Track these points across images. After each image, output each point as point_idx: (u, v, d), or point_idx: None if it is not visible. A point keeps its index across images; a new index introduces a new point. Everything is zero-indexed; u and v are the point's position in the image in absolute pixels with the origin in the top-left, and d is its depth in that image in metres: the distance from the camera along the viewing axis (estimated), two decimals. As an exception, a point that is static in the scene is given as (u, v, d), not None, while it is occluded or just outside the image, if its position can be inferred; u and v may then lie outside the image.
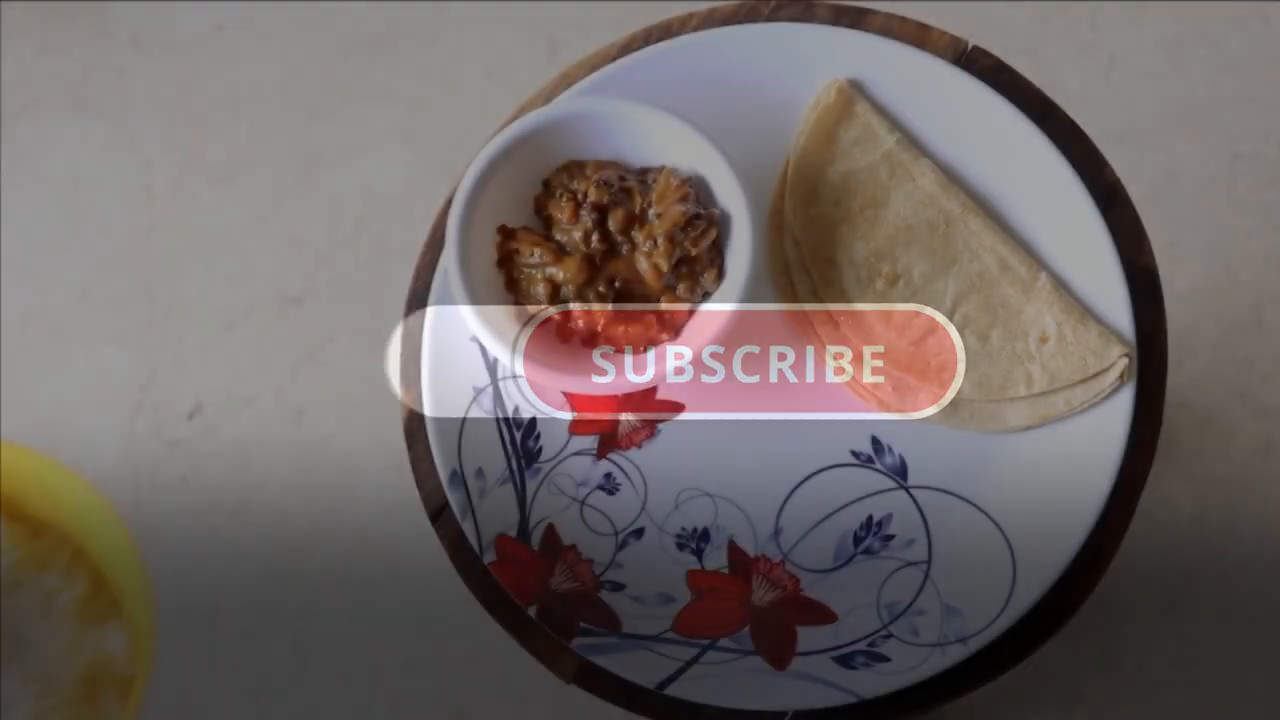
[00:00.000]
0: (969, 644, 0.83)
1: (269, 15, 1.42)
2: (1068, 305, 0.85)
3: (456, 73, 1.40)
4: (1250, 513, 1.27)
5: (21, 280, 1.37)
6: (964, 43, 0.88)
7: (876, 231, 0.86)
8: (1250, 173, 1.35)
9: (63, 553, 0.80)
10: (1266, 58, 1.38)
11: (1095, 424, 0.84)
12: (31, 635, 0.78)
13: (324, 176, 1.38)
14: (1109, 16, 1.39)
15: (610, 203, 0.83)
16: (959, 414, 0.86)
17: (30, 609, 0.78)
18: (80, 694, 0.77)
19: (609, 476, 0.87)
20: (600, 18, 1.41)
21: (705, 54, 0.87)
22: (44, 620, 0.78)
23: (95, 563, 0.80)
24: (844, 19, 0.88)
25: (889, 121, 0.87)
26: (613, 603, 0.86)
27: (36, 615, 0.78)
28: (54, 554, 0.80)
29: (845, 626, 0.85)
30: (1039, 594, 0.83)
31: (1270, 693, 1.23)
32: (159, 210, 1.38)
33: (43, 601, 0.79)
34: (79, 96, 1.41)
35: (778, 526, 0.87)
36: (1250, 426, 1.29)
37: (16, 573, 0.78)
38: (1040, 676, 1.23)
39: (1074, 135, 0.87)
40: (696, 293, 0.84)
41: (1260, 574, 1.25)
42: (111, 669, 0.78)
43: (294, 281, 1.35)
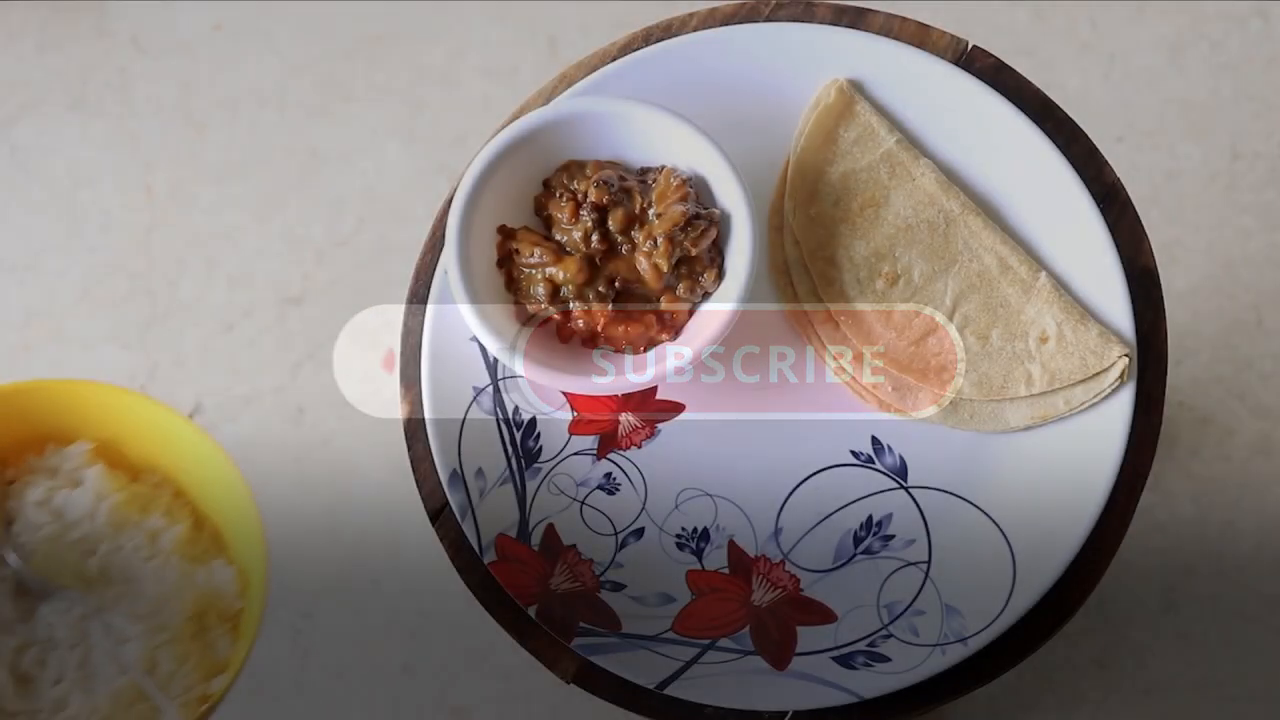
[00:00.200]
0: (969, 644, 0.83)
1: (269, 15, 1.42)
2: (1068, 305, 0.85)
3: (456, 73, 1.40)
4: (1250, 512, 1.27)
5: (21, 280, 1.37)
6: (964, 43, 0.88)
7: (876, 231, 0.86)
8: (1250, 173, 1.35)
9: (163, 494, 0.82)
10: (1266, 58, 1.38)
11: (1095, 424, 0.84)
12: (140, 574, 0.79)
13: (324, 176, 1.38)
14: (1109, 16, 1.39)
15: (610, 203, 0.83)
16: (959, 414, 0.86)
17: (137, 549, 0.79)
18: (190, 630, 0.78)
19: (609, 476, 0.87)
20: (600, 18, 1.41)
21: (705, 54, 0.87)
22: (151, 559, 0.79)
23: (195, 503, 0.81)
24: (844, 19, 0.88)
25: (889, 121, 0.87)
26: (613, 603, 0.86)
27: (144, 555, 0.80)
28: (154, 496, 0.82)
29: (845, 626, 0.85)
30: (1039, 594, 0.83)
31: (1270, 693, 1.23)
32: (159, 210, 1.38)
33: (149, 542, 0.80)
34: (79, 96, 1.41)
35: (778, 526, 0.87)
36: (1250, 426, 1.29)
37: (119, 515, 0.79)
38: (1040, 676, 1.23)
39: (1074, 135, 0.87)
40: (696, 293, 0.84)
41: (1260, 574, 1.25)
42: (220, 604, 0.79)
43: (294, 281, 1.35)
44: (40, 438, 0.80)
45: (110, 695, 0.76)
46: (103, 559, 0.79)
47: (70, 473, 0.80)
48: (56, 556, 0.78)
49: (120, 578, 0.79)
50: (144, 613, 0.78)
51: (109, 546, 0.80)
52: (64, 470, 0.80)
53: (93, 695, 0.76)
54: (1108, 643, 1.24)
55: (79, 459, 0.81)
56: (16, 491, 0.79)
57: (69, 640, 0.78)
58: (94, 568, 0.79)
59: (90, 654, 0.77)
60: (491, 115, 1.38)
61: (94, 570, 0.79)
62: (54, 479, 0.80)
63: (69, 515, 0.79)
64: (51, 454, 0.81)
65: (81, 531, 0.79)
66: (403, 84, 1.40)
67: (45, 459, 0.81)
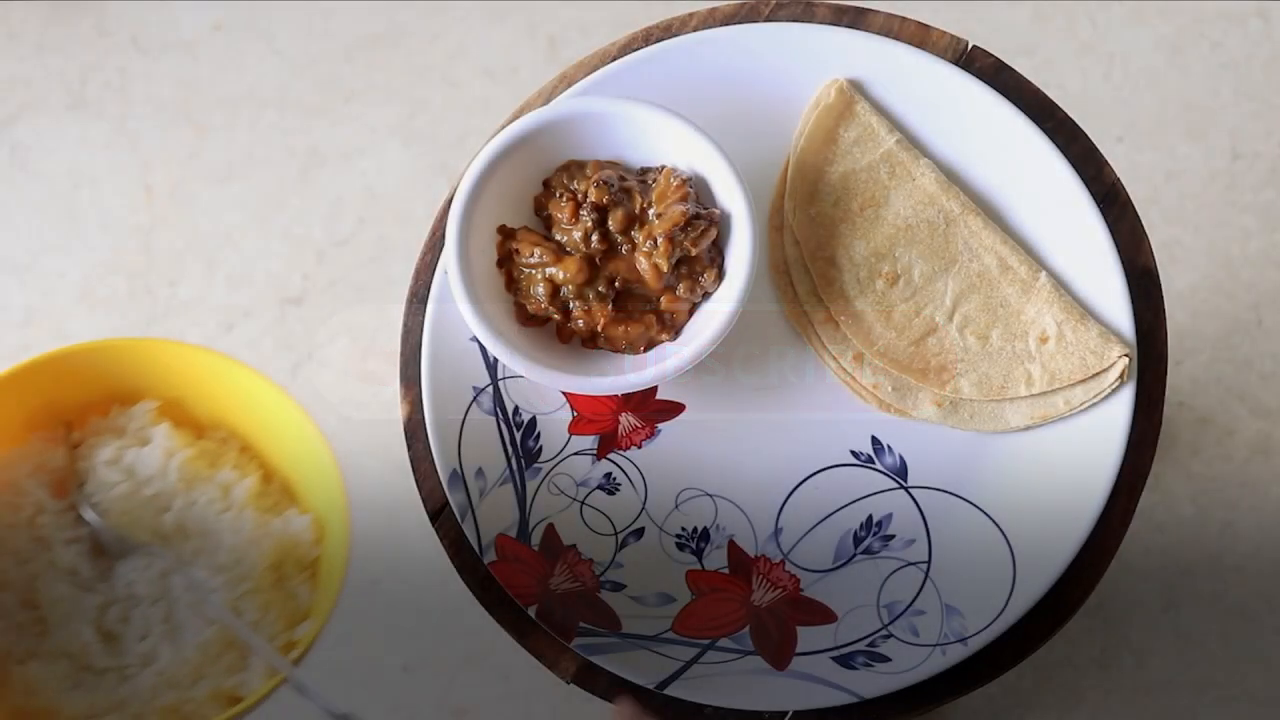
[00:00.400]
0: (969, 644, 0.83)
1: (269, 15, 1.42)
2: (1068, 305, 0.85)
3: (456, 73, 1.40)
4: (1250, 512, 1.27)
5: (22, 280, 1.37)
6: (964, 43, 0.88)
7: (876, 231, 0.86)
8: (1250, 173, 1.35)
9: (229, 449, 0.82)
10: (1266, 58, 1.38)
11: (1095, 424, 0.84)
12: (217, 527, 0.79)
13: (324, 176, 1.38)
14: (1109, 16, 1.39)
15: (610, 203, 0.83)
16: (959, 414, 0.86)
17: (211, 502, 0.80)
18: (269, 579, 0.79)
19: (609, 476, 0.87)
20: (600, 18, 1.41)
21: (705, 54, 0.87)
22: (225, 512, 0.80)
23: (263, 455, 0.82)
24: (844, 19, 0.88)
25: (889, 121, 0.87)
26: (613, 603, 0.86)
27: (218, 508, 0.80)
28: (221, 451, 0.82)
29: (845, 626, 0.85)
30: (1039, 594, 0.83)
31: (1270, 693, 1.23)
32: (159, 210, 1.38)
33: (222, 495, 0.80)
34: (79, 96, 1.41)
35: (778, 526, 0.87)
36: (1250, 426, 1.29)
37: (190, 470, 0.80)
38: (1040, 676, 1.23)
39: (1074, 135, 0.87)
40: (696, 293, 0.84)
41: (1260, 574, 1.25)
42: (297, 552, 0.80)
43: (294, 281, 1.35)
44: (105, 398, 0.81)
45: (198, 647, 0.77)
46: (178, 514, 0.80)
47: (137, 431, 0.81)
48: (132, 514, 0.79)
49: (197, 531, 0.80)
50: (224, 564, 0.79)
51: (183, 502, 0.80)
52: (131, 429, 0.81)
53: (181, 648, 0.77)
54: (1108, 643, 1.24)
55: (145, 417, 0.81)
56: (86, 452, 0.80)
57: (150, 596, 0.79)
58: (170, 523, 0.80)
59: (174, 608, 0.78)
60: (491, 115, 1.38)
61: (170, 526, 0.80)
62: (122, 438, 0.80)
63: (140, 473, 0.80)
64: (117, 414, 0.81)
65: (154, 488, 0.80)
66: (403, 84, 1.40)
67: (111, 419, 0.81)
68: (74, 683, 0.76)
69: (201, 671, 0.77)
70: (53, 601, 0.77)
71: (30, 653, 0.76)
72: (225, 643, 0.78)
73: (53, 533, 0.78)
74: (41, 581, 0.77)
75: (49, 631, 0.76)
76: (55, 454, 0.79)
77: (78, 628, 0.77)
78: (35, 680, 0.74)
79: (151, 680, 0.76)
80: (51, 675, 0.75)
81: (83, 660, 0.77)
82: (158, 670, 0.77)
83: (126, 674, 0.77)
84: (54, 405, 0.79)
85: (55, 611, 0.77)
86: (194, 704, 0.77)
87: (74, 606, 0.78)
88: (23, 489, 0.78)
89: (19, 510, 0.77)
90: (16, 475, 0.78)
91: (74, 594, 0.78)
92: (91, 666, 0.77)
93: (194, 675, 0.77)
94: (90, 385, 0.80)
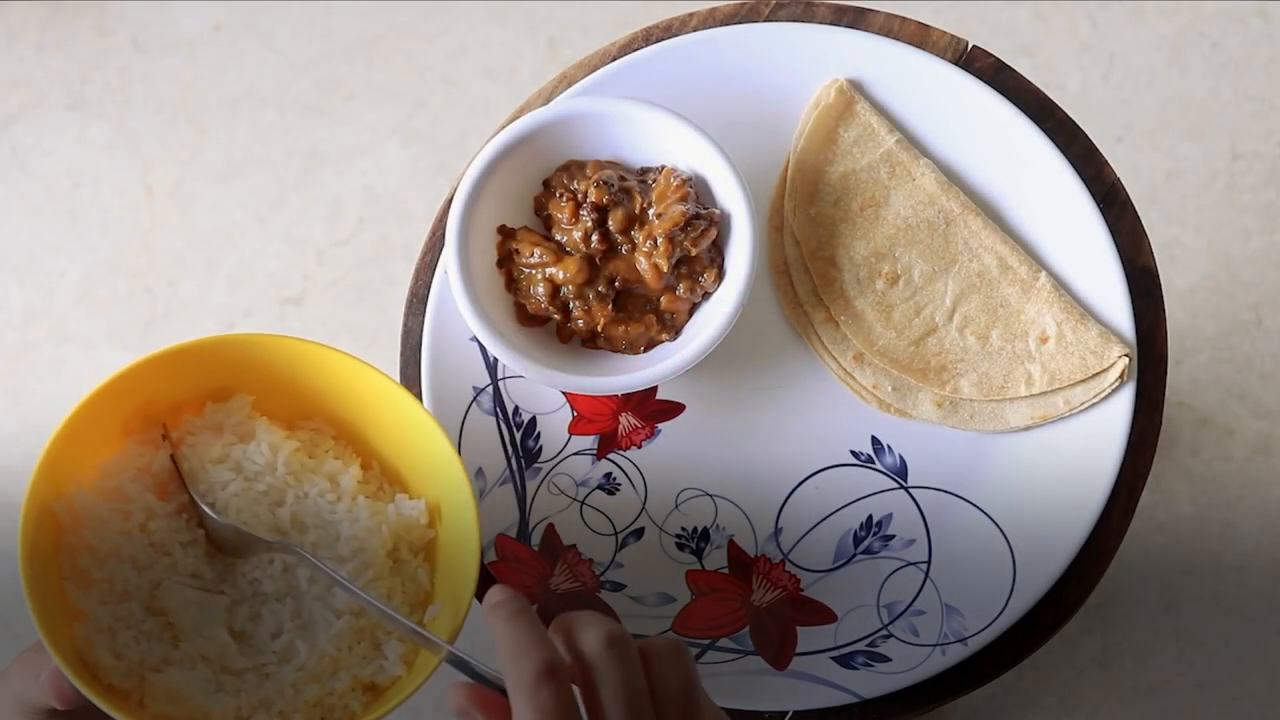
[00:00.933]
0: (969, 644, 0.83)
1: (269, 15, 1.42)
2: (1068, 305, 0.85)
3: (456, 73, 1.40)
4: (1250, 512, 1.27)
5: (22, 280, 1.37)
6: (964, 43, 0.88)
7: (876, 231, 0.86)
8: (1250, 173, 1.35)
9: (324, 439, 0.81)
10: (1266, 58, 1.38)
11: (1095, 424, 0.84)
12: (333, 518, 0.79)
13: (324, 176, 1.38)
14: (1109, 16, 1.39)
15: (610, 203, 0.83)
16: (959, 414, 0.86)
17: (322, 493, 0.79)
18: (388, 566, 0.79)
19: (609, 476, 0.87)
20: (600, 18, 1.41)
21: (705, 54, 0.87)
22: (338, 501, 0.80)
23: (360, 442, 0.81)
24: (844, 19, 0.88)
25: (889, 121, 0.87)
26: (613, 603, 0.86)
27: (330, 499, 0.80)
28: (318, 441, 0.82)
29: (845, 626, 0.85)
30: (1039, 594, 0.83)
31: (1270, 693, 1.23)
32: (159, 210, 1.38)
33: (331, 485, 0.80)
34: (79, 96, 1.41)
35: (778, 526, 0.87)
36: (1250, 426, 1.29)
37: (295, 462, 0.79)
38: (1040, 676, 1.23)
39: (1074, 135, 0.87)
40: (696, 293, 0.84)
41: (1260, 574, 1.26)
42: (410, 536, 0.80)
43: (294, 281, 1.35)
44: (196, 396, 0.80)
45: (333, 639, 0.77)
46: (292, 508, 0.79)
47: (236, 427, 0.80)
48: (247, 511, 0.78)
49: (314, 524, 0.79)
50: (346, 555, 0.79)
51: (294, 495, 0.80)
52: (229, 425, 0.80)
53: (316, 643, 0.77)
54: (1108, 643, 1.24)
55: (242, 412, 0.81)
56: (188, 452, 0.79)
57: (277, 592, 0.78)
58: (285, 518, 0.79)
59: (302, 603, 0.78)
60: (491, 115, 1.38)
61: (286, 520, 0.79)
62: (221, 435, 0.80)
63: (249, 469, 0.79)
64: (212, 410, 0.80)
65: (265, 484, 0.79)
66: (403, 84, 1.40)
67: (207, 416, 0.80)
68: (216, 686, 0.76)
69: (339, 663, 0.77)
70: (181, 607, 0.76)
71: (165, 660, 0.75)
72: (356, 633, 0.78)
73: (167, 537, 0.77)
74: (165, 588, 0.76)
75: (182, 637, 0.76)
76: (155, 456, 0.78)
77: (211, 631, 0.76)
78: (178, 687, 0.74)
79: (292, 676, 0.76)
80: (193, 680, 0.75)
81: (220, 663, 0.76)
82: (297, 666, 0.77)
83: (265, 672, 0.77)
84: (147, 407, 0.78)
85: (185, 617, 0.76)
86: (336, 696, 0.77)
87: (203, 610, 0.77)
88: (129, 495, 0.77)
89: (129, 517, 0.77)
90: (121, 481, 0.77)
91: (201, 597, 0.77)
92: (229, 668, 0.76)
93: (332, 667, 0.77)
94: (180, 384, 0.79)
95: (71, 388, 1.35)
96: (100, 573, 0.76)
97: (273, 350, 0.80)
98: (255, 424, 0.80)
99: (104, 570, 0.76)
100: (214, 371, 0.80)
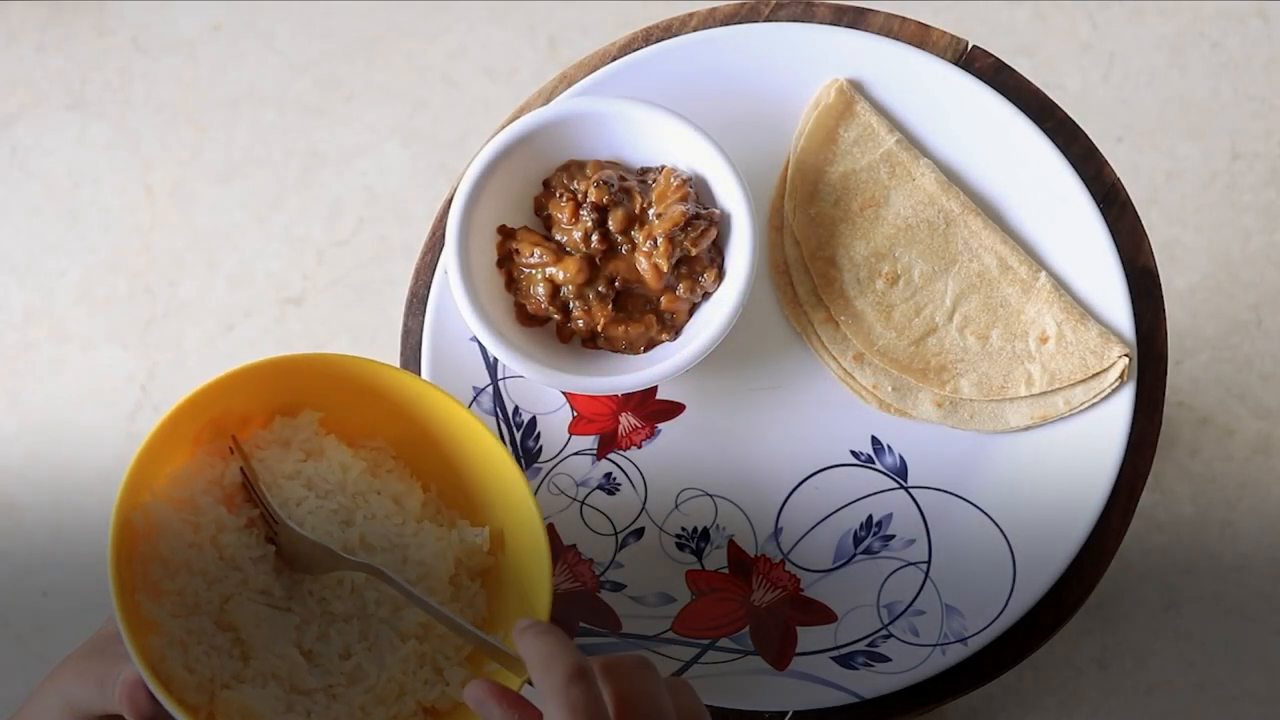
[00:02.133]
0: (969, 644, 0.83)
1: (269, 15, 1.42)
2: (1068, 305, 0.85)
3: (456, 73, 1.40)
4: (1250, 512, 1.27)
5: (22, 280, 1.37)
6: (964, 43, 0.88)
7: (876, 231, 0.86)
8: (1250, 173, 1.35)
9: (384, 458, 0.80)
10: (1266, 58, 1.38)
11: (1095, 424, 0.84)
12: (400, 540, 0.78)
13: (324, 176, 1.38)
14: (1109, 16, 1.39)
15: (610, 203, 0.83)
16: (959, 414, 0.86)
17: (389, 515, 0.79)
18: (450, 591, 0.78)
19: (609, 476, 0.87)
20: (600, 18, 1.41)
21: (705, 54, 0.87)
22: (404, 524, 0.79)
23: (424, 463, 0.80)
24: (844, 19, 0.88)
25: (889, 121, 0.87)
26: (613, 603, 0.86)
27: (396, 521, 0.79)
28: (379, 461, 0.81)
29: (845, 626, 0.85)
30: (1039, 594, 0.83)
31: (1270, 693, 1.23)
32: (159, 210, 1.38)
33: (397, 507, 0.79)
34: (79, 96, 1.41)
35: (778, 526, 0.87)
36: (1250, 426, 1.29)
37: (363, 482, 0.78)
38: (1040, 676, 1.23)
39: (1074, 135, 0.87)
40: (696, 293, 0.84)
41: (1260, 574, 1.26)
42: (470, 562, 0.79)
43: (294, 281, 1.35)
44: (264, 409, 0.79)
45: (399, 662, 0.76)
46: (361, 528, 0.78)
47: (303, 443, 0.79)
48: (322, 529, 0.77)
49: (381, 545, 0.79)
50: (413, 578, 0.78)
51: (364, 514, 0.79)
52: (296, 441, 0.79)
53: (384, 665, 0.76)
54: (1108, 643, 1.24)
55: (310, 429, 0.80)
56: (261, 467, 0.78)
57: (345, 613, 0.77)
58: (355, 538, 0.78)
59: (369, 624, 0.77)
60: (491, 115, 1.38)
61: (355, 540, 0.78)
62: (290, 450, 0.79)
63: (320, 486, 0.78)
64: (280, 425, 0.79)
65: (336, 503, 0.78)
66: (403, 84, 1.40)
67: (274, 431, 0.79)
68: (286, 705, 0.74)
69: (404, 687, 0.76)
70: (252, 623, 0.75)
71: (235, 677, 0.74)
72: (420, 657, 0.77)
73: (238, 551, 0.76)
74: (235, 603, 0.75)
75: (253, 654, 0.74)
76: (225, 469, 0.77)
77: (282, 649, 0.75)
78: (251, 705, 0.73)
79: (361, 699, 0.75)
80: (265, 699, 0.73)
81: (290, 682, 0.75)
82: (366, 688, 0.76)
83: (334, 693, 0.76)
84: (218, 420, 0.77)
85: (256, 634, 0.75)
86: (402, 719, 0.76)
87: (274, 627, 0.76)
88: (200, 506, 0.75)
89: (199, 529, 0.75)
90: (193, 492, 0.76)
91: (271, 614, 0.76)
92: (299, 687, 0.75)
93: (397, 691, 0.76)
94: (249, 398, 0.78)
95: (71, 388, 1.35)
96: (171, 585, 0.74)
97: (343, 368, 0.79)
98: (324, 441, 0.79)
99: (175, 582, 0.74)
100: (282, 387, 0.79)
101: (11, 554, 0.71)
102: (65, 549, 1.31)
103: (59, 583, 1.30)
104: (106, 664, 0.72)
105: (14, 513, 1.32)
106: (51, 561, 1.31)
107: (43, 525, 1.32)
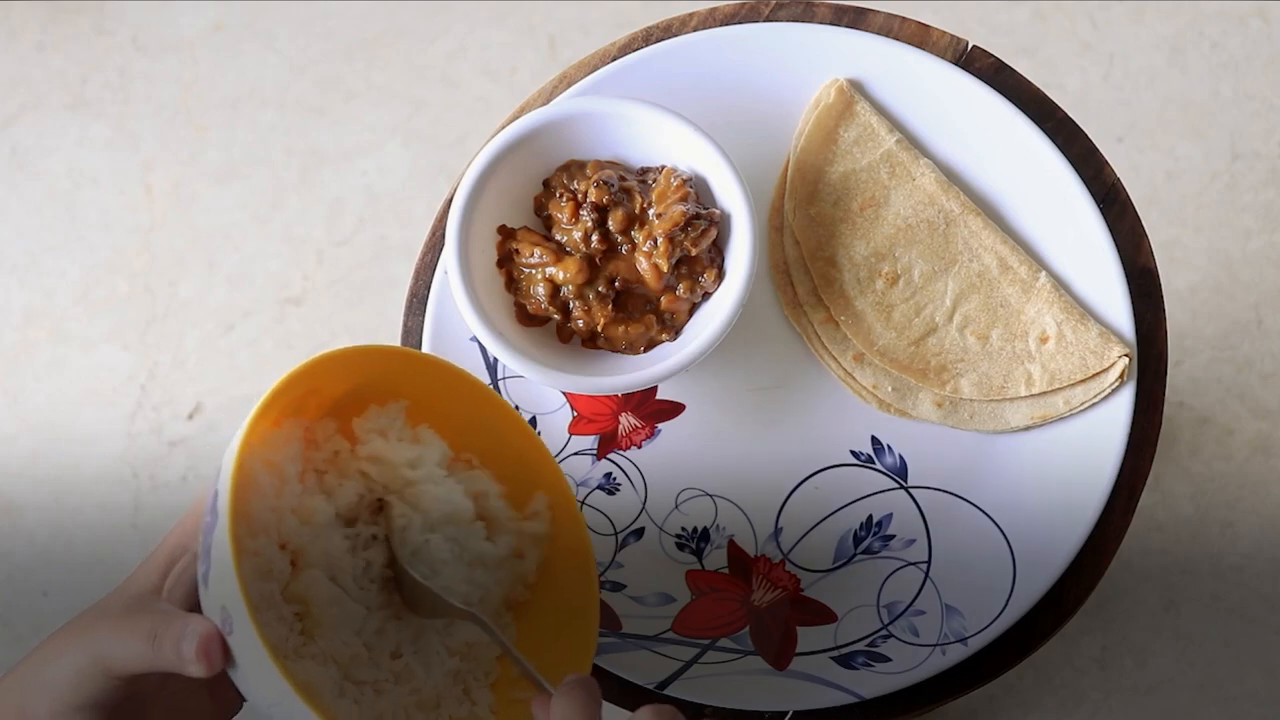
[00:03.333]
0: (969, 644, 0.83)
1: (269, 15, 1.42)
2: (1068, 305, 0.85)
3: (456, 73, 1.40)
4: (1250, 512, 1.27)
5: (22, 280, 1.37)
6: (964, 43, 0.88)
7: (876, 231, 0.86)
8: (1250, 173, 1.35)
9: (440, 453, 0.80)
10: (1266, 58, 1.38)
11: (1095, 424, 0.84)
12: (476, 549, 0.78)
13: (324, 176, 1.38)
14: (1109, 16, 1.39)
15: (610, 203, 0.83)
16: (959, 414, 0.86)
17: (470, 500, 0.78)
18: None
19: (609, 476, 0.87)
20: (600, 18, 1.41)
21: (705, 54, 0.87)
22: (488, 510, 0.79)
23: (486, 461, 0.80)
24: (844, 19, 0.88)
25: (889, 121, 0.87)
26: (613, 603, 0.86)
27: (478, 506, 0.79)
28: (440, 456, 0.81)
29: (845, 626, 0.85)
30: (1039, 594, 0.83)
31: (1270, 693, 1.23)
32: (159, 210, 1.38)
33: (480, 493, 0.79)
34: (79, 96, 1.41)
35: (778, 526, 0.87)
36: (1250, 426, 1.29)
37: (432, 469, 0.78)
38: (1040, 676, 1.23)
39: (1074, 135, 0.87)
40: (696, 293, 0.84)
41: (1260, 574, 1.26)
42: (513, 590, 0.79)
43: (294, 281, 1.35)
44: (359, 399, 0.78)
45: (443, 675, 0.76)
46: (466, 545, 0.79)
47: (399, 431, 0.79)
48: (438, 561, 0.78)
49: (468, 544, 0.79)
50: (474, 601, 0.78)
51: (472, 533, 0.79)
52: (393, 430, 0.79)
53: (431, 674, 0.76)
54: (1108, 643, 1.24)
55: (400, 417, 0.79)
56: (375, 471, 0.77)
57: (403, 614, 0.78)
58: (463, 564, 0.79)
59: (423, 631, 0.77)
60: (491, 115, 1.38)
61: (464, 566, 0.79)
62: (385, 440, 0.78)
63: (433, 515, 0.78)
64: (374, 414, 0.79)
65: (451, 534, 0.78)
66: (403, 84, 1.40)
67: (367, 419, 0.79)
68: (339, 690, 0.74)
69: (441, 699, 0.76)
70: (326, 602, 0.74)
71: (296, 651, 0.74)
72: (457, 674, 0.78)
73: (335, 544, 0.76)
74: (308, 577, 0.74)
75: (319, 633, 0.73)
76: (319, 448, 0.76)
77: (348, 636, 0.75)
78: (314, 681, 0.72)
79: (405, 699, 0.75)
80: (326, 678, 0.73)
81: (348, 670, 0.75)
82: (412, 689, 0.76)
83: (380, 688, 0.76)
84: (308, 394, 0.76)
85: (326, 614, 0.74)
86: None
87: (344, 613, 0.76)
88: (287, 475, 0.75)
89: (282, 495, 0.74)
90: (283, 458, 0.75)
91: (340, 597, 0.75)
92: (352, 676, 0.75)
93: (435, 701, 0.76)
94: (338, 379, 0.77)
95: (71, 388, 1.35)
96: (251, 544, 0.72)
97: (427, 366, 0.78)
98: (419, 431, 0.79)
99: (255, 543, 0.73)
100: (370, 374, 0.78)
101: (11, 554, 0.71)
102: (65, 549, 1.31)
103: (59, 583, 1.30)
104: (157, 620, 0.69)
105: (14, 513, 1.32)
106: (51, 561, 1.31)
107: (43, 525, 1.32)
